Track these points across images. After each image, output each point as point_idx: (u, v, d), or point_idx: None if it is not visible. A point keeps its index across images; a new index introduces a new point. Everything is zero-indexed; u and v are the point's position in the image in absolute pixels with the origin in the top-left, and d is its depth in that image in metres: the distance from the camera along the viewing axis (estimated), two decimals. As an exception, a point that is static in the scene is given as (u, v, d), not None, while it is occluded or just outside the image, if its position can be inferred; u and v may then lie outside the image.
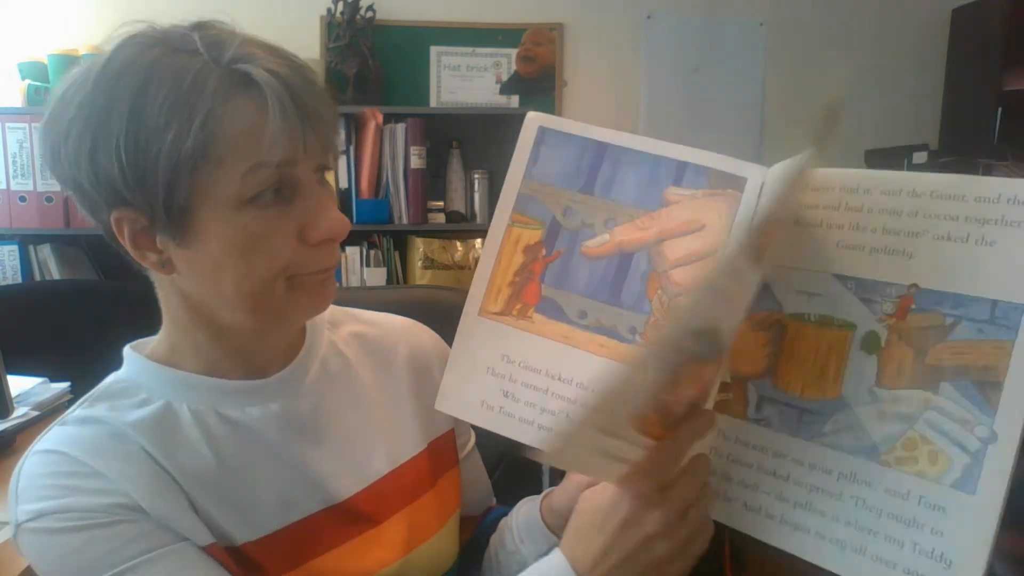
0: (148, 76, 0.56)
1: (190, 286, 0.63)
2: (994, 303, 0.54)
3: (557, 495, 0.73)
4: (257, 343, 0.68)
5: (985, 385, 0.53)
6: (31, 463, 0.62)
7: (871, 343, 0.57)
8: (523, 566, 0.63)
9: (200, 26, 0.60)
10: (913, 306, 0.57)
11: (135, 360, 0.68)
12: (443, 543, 0.77)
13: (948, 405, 0.54)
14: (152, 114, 0.55)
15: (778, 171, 0.64)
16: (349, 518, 0.70)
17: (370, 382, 0.77)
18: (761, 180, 0.64)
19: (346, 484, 0.70)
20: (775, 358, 0.61)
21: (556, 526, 0.72)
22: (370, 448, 0.73)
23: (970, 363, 0.54)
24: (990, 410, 0.52)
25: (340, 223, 0.63)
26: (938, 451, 0.53)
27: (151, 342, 0.70)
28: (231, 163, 0.57)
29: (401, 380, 0.79)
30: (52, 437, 0.63)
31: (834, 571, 0.55)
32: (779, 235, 0.61)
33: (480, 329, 0.68)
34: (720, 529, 0.61)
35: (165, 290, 0.66)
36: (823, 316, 0.60)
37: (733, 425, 0.62)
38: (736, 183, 0.64)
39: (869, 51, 2.95)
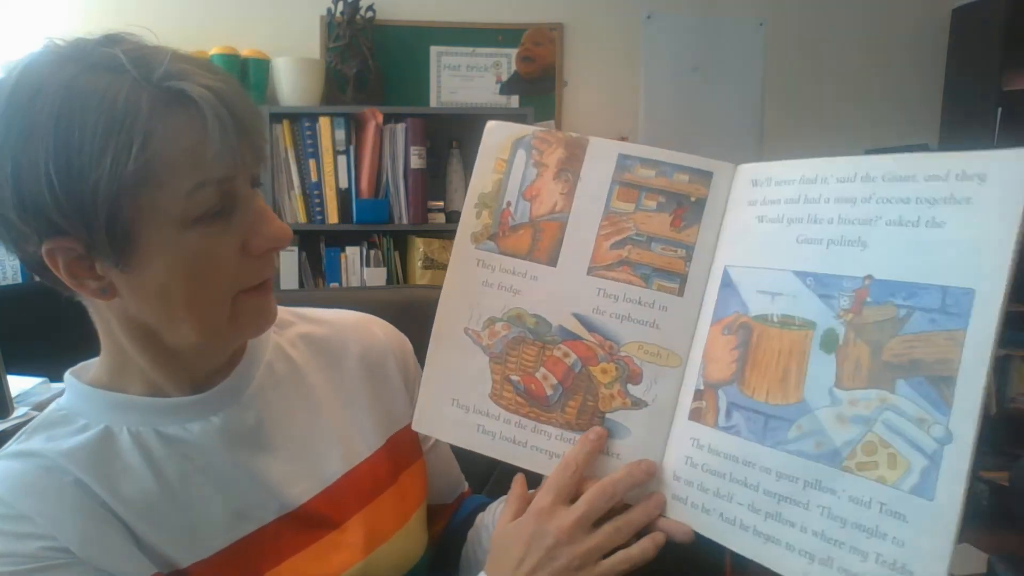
0: (68, 96, 0.53)
1: (134, 309, 0.61)
2: (944, 290, 0.50)
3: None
4: (201, 359, 0.66)
5: (939, 381, 0.49)
6: None
7: (829, 342, 0.55)
8: None
9: (116, 40, 0.57)
10: (868, 299, 0.53)
11: (74, 386, 0.66)
12: (408, 538, 0.77)
13: (904, 404, 0.51)
14: (84, 138, 0.53)
15: (747, 169, 0.63)
16: (307, 523, 0.69)
17: (320, 383, 0.75)
18: (730, 177, 0.64)
19: (301, 489, 0.69)
20: (743, 362, 0.59)
21: None
22: (324, 450, 0.72)
23: (924, 357, 0.50)
24: (945, 407, 0.49)
25: (283, 231, 0.62)
26: (896, 454, 0.51)
27: (92, 366, 0.68)
28: (174, 183, 0.56)
29: (354, 378, 0.78)
30: None
31: None
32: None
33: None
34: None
35: (102, 314, 0.64)
36: (784, 316, 0.57)
37: (705, 434, 0.60)
38: (703, 178, 0.65)
39: (869, 51, 2.94)
